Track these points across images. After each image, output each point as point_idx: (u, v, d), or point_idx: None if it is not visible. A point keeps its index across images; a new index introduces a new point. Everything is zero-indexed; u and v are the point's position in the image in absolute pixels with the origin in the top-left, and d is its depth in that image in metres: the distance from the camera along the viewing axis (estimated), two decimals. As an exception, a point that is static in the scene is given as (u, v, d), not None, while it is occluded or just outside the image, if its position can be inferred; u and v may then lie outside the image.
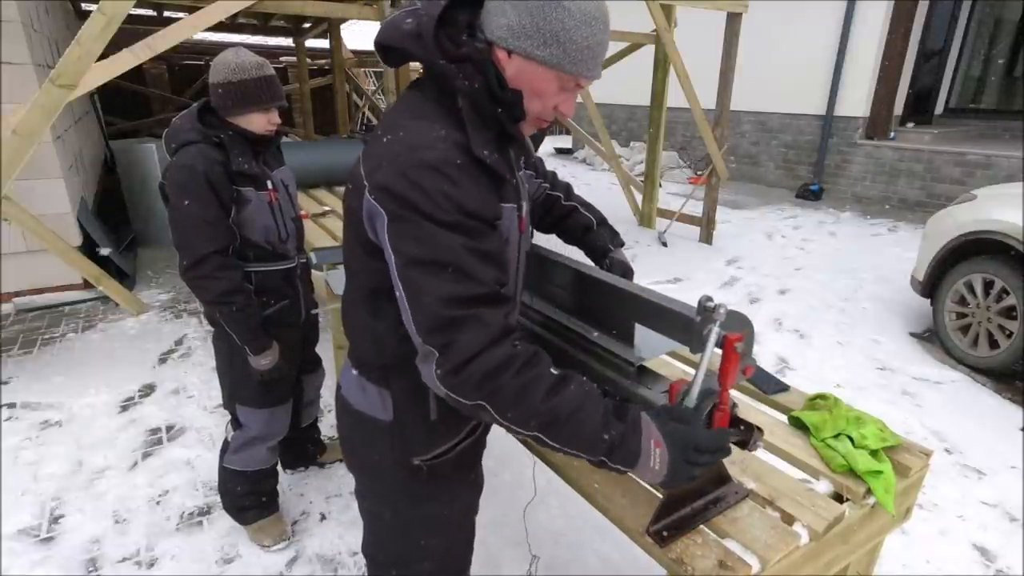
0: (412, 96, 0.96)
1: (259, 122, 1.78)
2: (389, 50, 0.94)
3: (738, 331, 0.98)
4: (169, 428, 2.72)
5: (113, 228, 4.96)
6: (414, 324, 0.85)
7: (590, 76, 0.91)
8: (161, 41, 3.22)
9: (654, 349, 1.26)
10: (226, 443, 2.01)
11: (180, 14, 7.19)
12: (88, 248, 4.10)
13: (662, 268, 4.96)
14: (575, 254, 1.43)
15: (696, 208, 5.93)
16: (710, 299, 0.98)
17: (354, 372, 1.10)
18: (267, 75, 1.75)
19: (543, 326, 1.45)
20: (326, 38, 8.81)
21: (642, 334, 1.24)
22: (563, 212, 1.47)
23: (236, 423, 1.98)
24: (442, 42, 0.88)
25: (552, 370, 0.88)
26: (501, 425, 0.86)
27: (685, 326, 1.02)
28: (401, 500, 1.13)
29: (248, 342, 1.78)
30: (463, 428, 1.13)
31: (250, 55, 1.74)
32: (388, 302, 0.95)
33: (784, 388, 1.62)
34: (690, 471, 0.90)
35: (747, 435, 1.07)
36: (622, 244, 1.48)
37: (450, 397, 0.84)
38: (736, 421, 1.07)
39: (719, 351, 0.99)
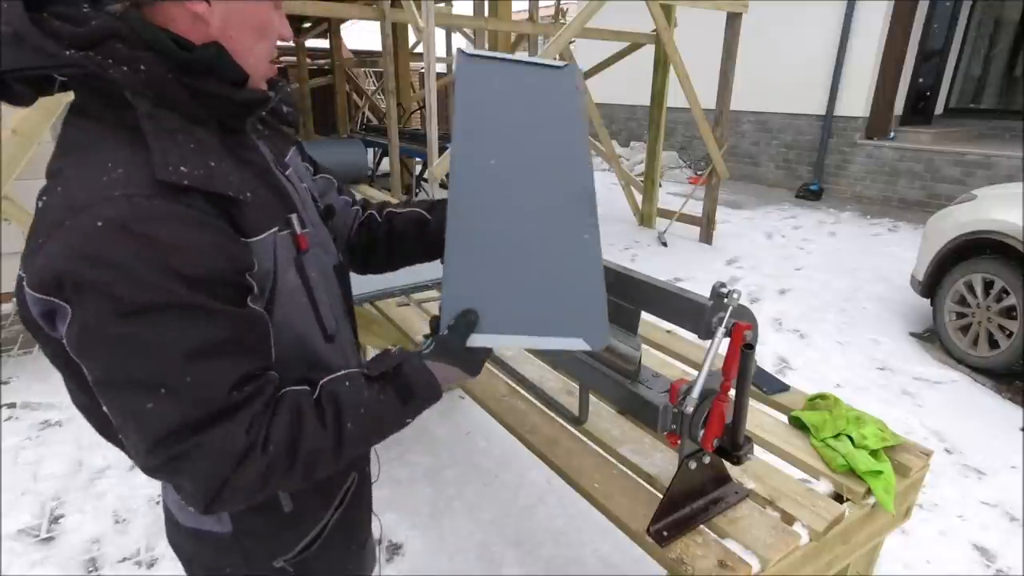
0: (71, 125, 0.65)
1: None
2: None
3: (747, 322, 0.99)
4: (169, 428, 2.72)
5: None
6: (135, 458, 0.63)
7: None
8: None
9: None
10: None
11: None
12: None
13: (662, 268, 4.96)
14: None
15: (696, 208, 5.93)
16: (724, 284, 0.98)
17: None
18: None
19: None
20: (326, 38, 8.81)
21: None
22: (385, 227, 1.03)
23: None
24: (54, 29, 0.58)
25: (310, 402, 0.68)
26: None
27: (696, 312, 1.02)
28: None
29: None
30: (332, 503, 0.90)
31: None
32: None
33: (784, 388, 1.62)
34: (473, 356, 0.76)
35: (747, 446, 1.07)
36: None
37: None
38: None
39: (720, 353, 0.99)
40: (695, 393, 0.98)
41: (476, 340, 0.73)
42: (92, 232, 0.56)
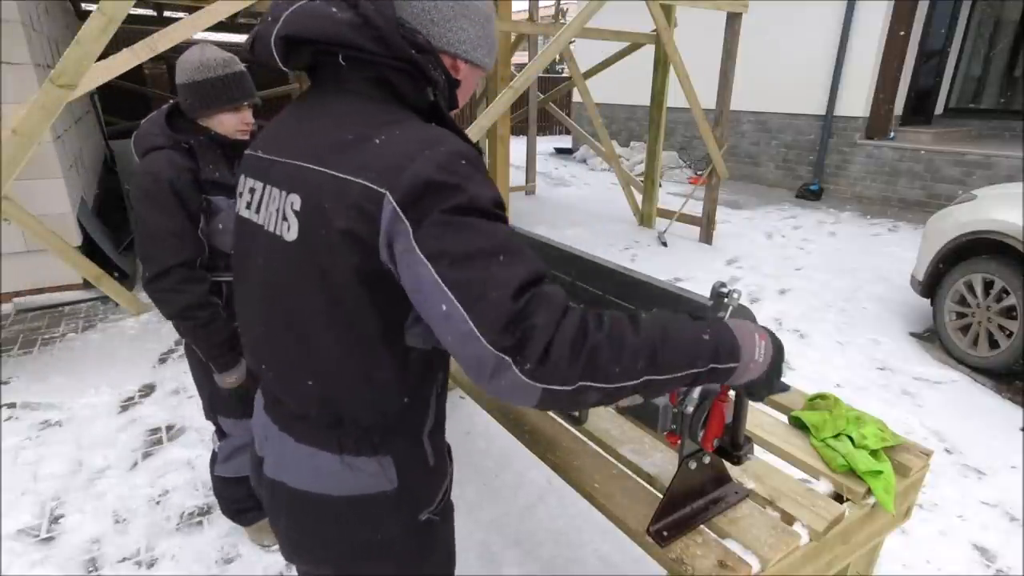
0: (349, 104, 0.84)
1: (230, 123, 1.65)
2: (306, 44, 0.80)
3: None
4: (169, 428, 2.72)
5: (113, 228, 4.96)
6: (480, 330, 0.70)
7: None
8: (161, 41, 3.22)
9: None
10: (214, 454, 1.98)
11: (180, 14, 7.18)
12: (88, 248, 4.11)
13: (662, 268, 4.96)
14: (579, 244, 1.42)
15: (696, 208, 5.93)
16: (724, 284, 0.98)
17: (333, 457, 0.90)
18: (234, 72, 1.61)
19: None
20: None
21: None
22: None
23: (220, 433, 1.93)
24: (405, 33, 0.80)
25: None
26: (609, 393, 0.75)
27: (696, 312, 1.03)
28: (410, 563, 1.00)
29: (213, 359, 1.66)
30: (450, 458, 1.06)
31: (216, 51, 1.60)
32: (391, 345, 0.84)
33: (784, 388, 1.62)
34: (780, 377, 0.95)
35: (747, 446, 1.07)
36: None
37: (548, 391, 0.71)
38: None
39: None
40: (695, 393, 0.98)
41: None
42: (453, 155, 0.76)
